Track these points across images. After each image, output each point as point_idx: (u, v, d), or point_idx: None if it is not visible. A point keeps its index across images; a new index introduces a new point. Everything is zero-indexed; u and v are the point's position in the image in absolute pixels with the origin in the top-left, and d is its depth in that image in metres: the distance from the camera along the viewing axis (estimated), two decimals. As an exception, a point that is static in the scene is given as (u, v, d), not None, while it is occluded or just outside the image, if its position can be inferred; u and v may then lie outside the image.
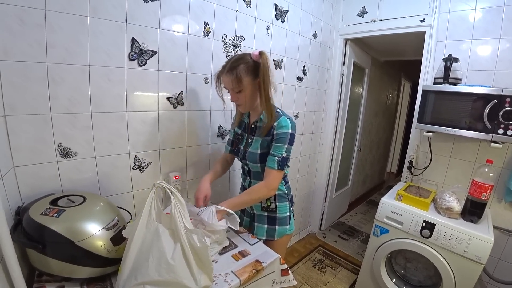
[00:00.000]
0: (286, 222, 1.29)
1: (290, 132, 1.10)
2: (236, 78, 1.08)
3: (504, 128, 1.40)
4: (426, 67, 1.95)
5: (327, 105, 2.65)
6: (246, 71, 1.08)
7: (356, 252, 2.67)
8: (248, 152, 1.21)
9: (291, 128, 1.11)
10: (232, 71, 1.08)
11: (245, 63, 1.09)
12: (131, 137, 1.28)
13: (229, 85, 1.13)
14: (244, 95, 1.12)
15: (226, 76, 1.11)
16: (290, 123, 1.12)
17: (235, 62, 1.09)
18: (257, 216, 1.31)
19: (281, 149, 1.10)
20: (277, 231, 1.28)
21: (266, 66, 1.07)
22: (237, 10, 1.59)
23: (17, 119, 0.96)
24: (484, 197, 1.46)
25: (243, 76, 1.08)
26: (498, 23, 1.62)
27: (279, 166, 1.10)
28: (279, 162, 1.09)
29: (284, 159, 1.10)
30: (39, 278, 0.88)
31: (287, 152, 1.11)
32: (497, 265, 1.73)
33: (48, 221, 0.82)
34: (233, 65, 1.09)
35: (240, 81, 1.08)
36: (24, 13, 0.92)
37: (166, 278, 0.80)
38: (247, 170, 1.30)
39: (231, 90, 1.14)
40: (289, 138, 1.10)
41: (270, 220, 1.28)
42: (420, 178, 2.04)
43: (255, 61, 1.10)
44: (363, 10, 2.28)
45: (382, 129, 4.50)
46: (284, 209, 1.29)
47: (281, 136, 1.10)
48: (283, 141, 1.10)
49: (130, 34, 1.18)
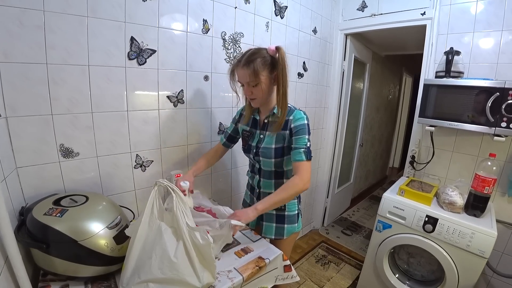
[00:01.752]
0: (295, 220, 1.29)
1: (307, 123, 1.13)
2: (253, 72, 1.07)
3: (507, 121, 1.39)
4: (427, 60, 1.93)
5: (328, 101, 2.64)
6: (263, 65, 1.08)
7: (359, 247, 2.67)
8: (262, 147, 1.20)
9: (306, 119, 1.13)
10: (249, 64, 1.07)
11: (262, 57, 1.08)
12: (132, 137, 1.28)
13: (245, 79, 1.10)
14: (259, 89, 1.11)
15: (242, 70, 1.09)
16: (304, 114, 1.14)
17: (251, 55, 1.08)
18: (265, 215, 1.29)
19: (303, 140, 1.11)
20: (286, 230, 1.27)
21: (284, 60, 1.08)
22: (236, 7, 1.58)
23: (18, 120, 0.97)
24: (487, 191, 1.45)
25: (260, 70, 1.07)
26: (500, 15, 1.60)
27: (307, 157, 1.10)
28: (306, 153, 1.10)
29: (308, 149, 1.11)
30: (44, 278, 0.89)
31: (309, 142, 1.12)
32: (501, 259, 1.73)
33: (52, 221, 0.82)
34: (250, 58, 1.07)
35: (257, 75, 1.07)
36: (23, 15, 0.92)
37: (169, 276, 0.81)
38: (257, 168, 1.28)
39: (246, 83, 1.12)
40: (307, 129, 1.12)
41: (279, 218, 1.27)
42: (423, 173, 2.03)
43: (271, 56, 1.10)
44: (363, 5, 2.26)
45: (384, 124, 4.48)
46: (293, 207, 1.28)
47: (300, 127, 1.11)
48: (303, 132, 1.11)
49: (129, 33, 1.18)
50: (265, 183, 1.27)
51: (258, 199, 1.31)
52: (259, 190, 1.31)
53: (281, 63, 1.08)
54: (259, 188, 1.30)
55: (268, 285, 1.10)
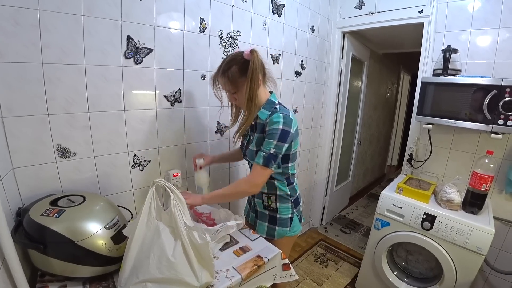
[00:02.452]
0: (287, 223, 1.26)
1: (281, 128, 1.04)
2: (229, 80, 1.08)
3: (504, 118, 1.39)
4: (425, 58, 1.93)
5: (326, 99, 2.64)
6: (238, 72, 1.07)
7: (358, 245, 2.68)
8: (248, 149, 1.20)
9: (283, 124, 1.05)
10: (225, 73, 1.08)
11: (237, 64, 1.08)
12: (130, 136, 1.28)
13: (224, 87, 1.13)
14: (241, 95, 1.11)
15: (221, 78, 1.11)
16: (283, 119, 1.05)
17: (227, 64, 1.09)
18: (259, 214, 1.31)
19: (269, 145, 1.05)
20: (276, 231, 1.26)
21: (255, 64, 1.05)
22: (233, 5, 1.57)
23: (14, 120, 0.96)
24: (485, 188, 1.45)
25: (237, 77, 1.08)
26: (497, 12, 1.60)
27: (264, 162, 1.04)
28: (265, 158, 1.04)
29: (271, 155, 1.04)
30: (42, 278, 0.89)
31: (276, 149, 1.04)
32: (498, 256, 1.74)
33: (49, 222, 0.82)
34: (225, 67, 1.09)
35: (234, 82, 1.08)
36: (18, 14, 0.91)
37: (167, 276, 0.81)
38: (250, 166, 1.28)
39: (227, 92, 1.14)
40: (280, 134, 1.04)
41: (271, 219, 1.27)
42: (421, 171, 2.03)
43: (246, 60, 1.08)
44: (361, 2, 2.26)
45: (382, 122, 4.49)
46: (286, 211, 1.26)
47: (271, 131, 1.05)
48: (273, 137, 1.04)
49: (126, 32, 1.17)
50: None
51: (253, 197, 1.33)
52: None
53: (252, 66, 1.05)
54: None
55: (266, 283, 1.11)
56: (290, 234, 1.29)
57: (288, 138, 1.06)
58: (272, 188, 1.22)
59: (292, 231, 1.29)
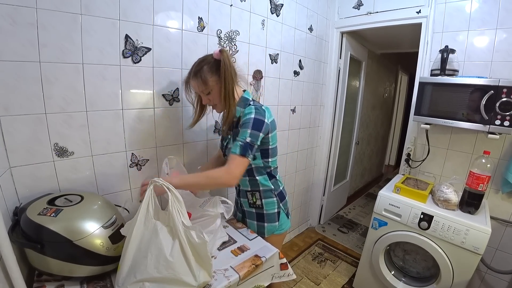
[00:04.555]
0: (274, 219, 1.27)
1: (254, 117, 1.05)
2: (202, 81, 1.09)
3: (500, 119, 1.40)
4: (422, 59, 1.94)
5: (324, 99, 2.64)
6: (210, 72, 1.09)
7: (355, 245, 2.69)
8: (228, 148, 1.21)
9: (255, 114, 1.06)
10: (197, 74, 1.09)
11: (207, 64, 1.09)
12: (128, 135, 1.27)
13: (197, 89, 1.14)
14: (214, 95, 1.12)
15: (193, 81, 1.12)
16: (255, 109, 1.07)
17: (198, 65, 1.10)
18: (247, 213, 1.32)
19: (244, 134, 1.04)
20: (266, 228, 1.27)
21: (226, 63, 1.07)
22: (232, 4, 1.57)
23: (11, 119, 0.96)
24: (482, 188, 1.46)
25: (208, 77, 1.09)
26: (494, 13, 1.61)
27: (242, 151, 1.03)
28: (241, 147, 1.03)
29: (247, 144, 1.03)
30: (39, 278, 0.88)
31: (252, 137, 1.04)
32: (495, 255, 1.75)
33: (46, 221, 0.82)
34: (196, 69, 1.10)
35: (206, 82, 1.09)
36: (15, 12, 0.90)
37: (165, 275, 0.81)
38: None
39: (201, 93, 1.15)
40: (253, 123, 1.05)
41: (259, 216, 1.28)
42: (418, 171, 2.04)
43: (217, 60, 1.09)
44: (359, 3, 2.27)
45: (380, 122, 4.50)
46: (271, 206, 1.26)
47: (245, 121, 1.06)
48: (247, 126, 1.05)
49: (124, 31, 1.17)
50: (241, 181, 1.26)
51: (239, 196, 1.36)
52: (239, 188, 1.33)
53: (223, 65, 1.07)
54: (238, 186, 1.32)
55: (264, 283, 1.11)
56: (278, 231, 1.29)
57: (263, 127, 1.07)
58: (255, 185, 1.24)
59: (280, 229, 1.29)
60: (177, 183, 0.97)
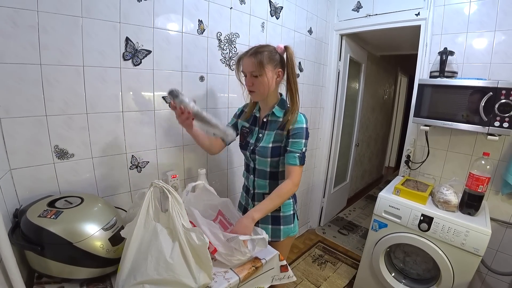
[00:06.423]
0: (290, 220, 1.27)
1: (305, 127, 1.13)
2: (259, 62, 1.08)
3: (500, 120, 1.41)
4: (422, 61, 1.95)
5: (323, 101, 2.64)
6: (269, 59, 1.10)
7: (356, 247, 2.68)
8: (259, 146, 1.19)
9: (305, 123, 1.14)
10: (256, 54, 1.09)
11: (270, 51, 1.11)
12: (128, 137, 1.28)
13: (249, 68, 1.12)
14: (261, 81, 1.11)
15: (249, 59, 1.11)
16: (304, 118, 1.15)
17: (260, 47, 1.11)
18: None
19: (299, 145, 1.11)
20: (282, 231, 1.26)
21: (292, 60, 1.12)
22: (231, 7, 1.58)
23: (12, 121, 0.96)
24: (481, 190, 1.46)
25: (266, 62, 1.09)
26: (493, 15, 1.62)
27: (301, 162, 1.11)
28: (300, 158, 1.11)
29: (303, 154, 1.12)
30: (39, 280, 0.88)
31: (305, 146, 1.13)
32: (495, 257, 1.75)
33: (46, 223, 0.82)
34: (258, 50, 1.10)
35: (261, 65, 1.08)
36: (16, 15, 0.91)
37: (165, 277, 0.80)
38: (252, 168, 1.26)
39: (249, 73, 1.13)
40: (305, 133, 1.13)
41: (274, 219, 1.26)
42: (418, 172, 2.04)
43: (279, 54, 1.13)
44: (358, 5, 2.28)
45: (380, 124, 4.51)
46: (288, 207, 1.26)
47: (298, 131, 1.12)
48: (301, 136, 1.11)
49: (124, 34, 1.18)
50: (260, 184, 1.25)
51: (253, 200, 1.30)
52: (253, 191, 1.29)
53: (290, 62, 1.12)
54: (253, 189, 1.28)
55: (264, 285, 1.10)
56: (293, 233, 1.29)
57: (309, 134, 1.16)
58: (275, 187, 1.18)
59: (294, 230, 1.29)
60: (259, 216, 1.07)
